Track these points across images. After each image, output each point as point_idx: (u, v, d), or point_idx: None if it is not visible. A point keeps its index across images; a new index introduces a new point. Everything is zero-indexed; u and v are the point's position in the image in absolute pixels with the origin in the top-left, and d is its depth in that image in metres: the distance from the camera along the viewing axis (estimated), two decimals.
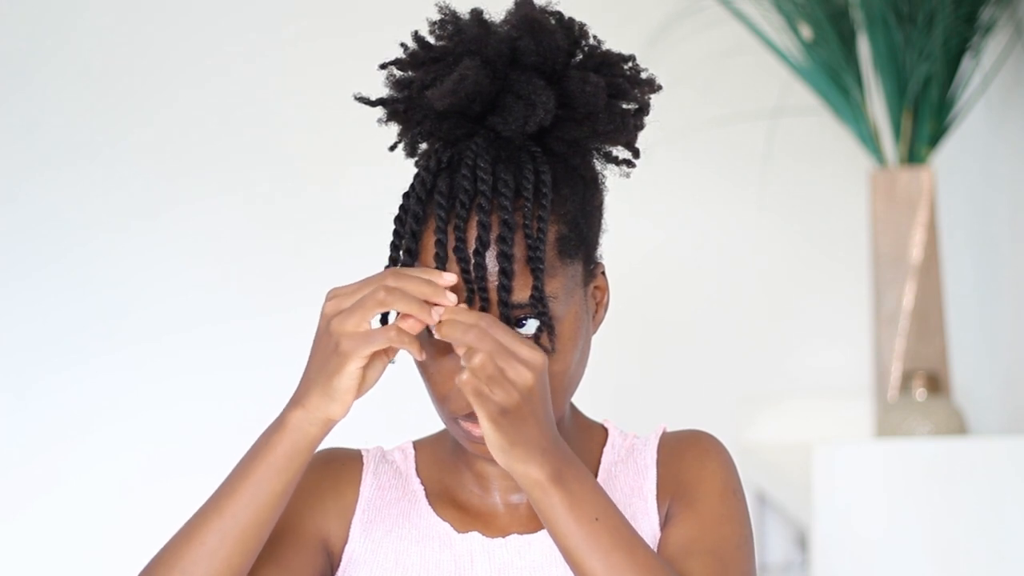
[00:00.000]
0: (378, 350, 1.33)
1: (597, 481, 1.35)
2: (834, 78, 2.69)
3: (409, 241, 1.37)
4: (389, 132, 1.44)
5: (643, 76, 1.42)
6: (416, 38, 1.41)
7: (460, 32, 1.39)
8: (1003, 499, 2.28)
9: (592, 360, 1.43)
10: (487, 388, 1.28)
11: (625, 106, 1.41)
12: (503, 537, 1.43)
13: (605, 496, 1.34)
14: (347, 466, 1.48)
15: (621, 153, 1.43)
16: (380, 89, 1.42)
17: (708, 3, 2.92)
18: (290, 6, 3.07)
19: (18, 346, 3.03)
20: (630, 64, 1.41)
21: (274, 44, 3.06)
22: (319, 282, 1.39)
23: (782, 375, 3.08)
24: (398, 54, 1.41)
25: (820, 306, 3.10)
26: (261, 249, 3.04)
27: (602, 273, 1.43)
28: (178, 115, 3.04)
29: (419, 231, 1.37)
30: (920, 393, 2.55)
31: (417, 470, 1.48)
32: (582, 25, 1.41)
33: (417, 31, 1.41)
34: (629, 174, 1.43)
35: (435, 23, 1.41)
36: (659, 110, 1.45)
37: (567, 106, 1.38)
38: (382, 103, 1.42)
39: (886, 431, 2.49)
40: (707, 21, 2.98)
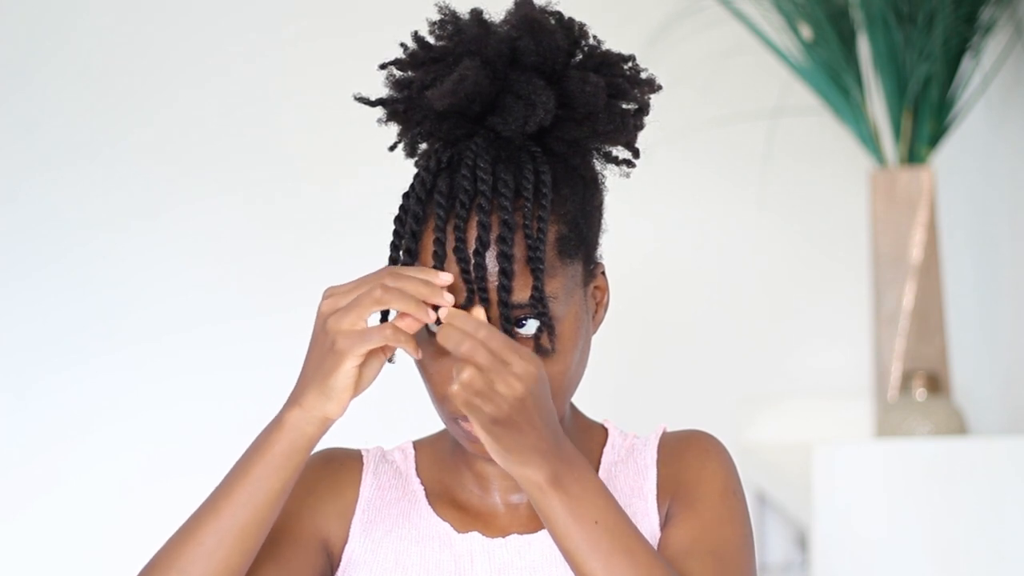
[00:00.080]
0: (375, 349, 1.33)
1: (601, 482, 1.34)
2: (834, 78, 2.69)
3: (409, 241, 1.36)
4: (389, 132, 1.44)
5: (643, 76, 1.42)
6: (416, 38, 1.41)
7: (460, 32, 1.39)
8: (1003, 499, 2.28)
9: (592, 360, 1.43)
10: (478, 400, 1.28)
11: (625, 106, 1.41)
12: (503, 537, 1.43)
13: (607, 498, 1.33)
14: (347, 466, 1.48)
15: (621, 153, 1.43)
16: (380, 89, 1.42)
17: (708, 3, 2.92)
18: (290, 6, 3.07)
19: (18, 346, 3.03)
20: (630, 64, 1.41)
21: (274, 44, 3.06)
22: (319, 282, 1.39)
23: (782, 375, 3.08)
24: (398, 54, 1.41)
25: (820, 306, 3.10)
26: (261, 249, 3.04)
27: (602, 273, 1.43)
28: (178, 115, 3.04)
29: (419, 231, 1.36)
30: (920, 393, 2.54)
31: (417, 470, 1.48)
32: (582, 25, 1.41)
33: (417, 31, 1.41)
34: (629, 174, 1.43)
35: (435, 23, 1.41)
36: (659, 110, 1.45)
37: (567, 106, 1.38)
38: (382, 103, 1.42)
39: (886, 431, 2.49)
40: (707, 21, 2.98)
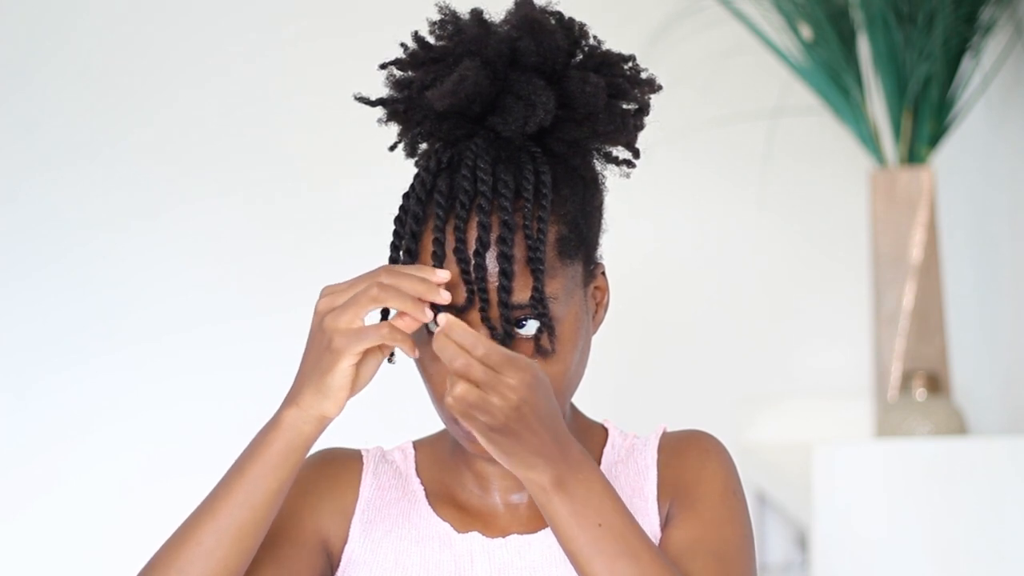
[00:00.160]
0: (372, 348, 1.33)
1: (607, 484, 1.34)
2: (834, 78, 2.69)
3: (409, 241, 1.36)
4: (389, 132, 1.43)
5: (643, 76, 1.42)
6: (416, 38, 1.41)
7: (460, 32, 1.39)
8: (1003, 499, 2.28)
9: (592, 360, 1.43)
10: (473, 411, 1.28)
11: (625, 106, 1.41)
12: (503, 537, 1.43)
13: (613, 500, 1.33)
14: (347, 466, 1.48)
15: (621, 153, 1.42)
16: (380, 89, 1.42)
17: (708, 3, 2.92)
18: (290, 6, 3.07)
19: (18, 346, 3.02)
20: (630, 64, 1.41)
21: (274, 44, 3.06)
22: (319, 282, 1.39)
23: (782, 375, 3.08)
24: (398, 54, 1.41)
25: (820, 306, 3.10)
26: (261, 249, 3.04)
27: (602, 273, 1.43)
28: (178, 115, 3.04)
29: (419, 231, 1.36)
30: (920, 393, 2.54)
31: (417, 470, 1.48)
32: (582, 25, 1.41)
33: (417, 31, 1.41)
34: (629, 174, 1.43)
35: (435, 23, 1.41)
36: (659, 110, 1.45)
37: (567, 106, 1.37)
38: (382, 103, 1.42)
39: (886, 431, 2.49)
40: (707, 21, 2.97)
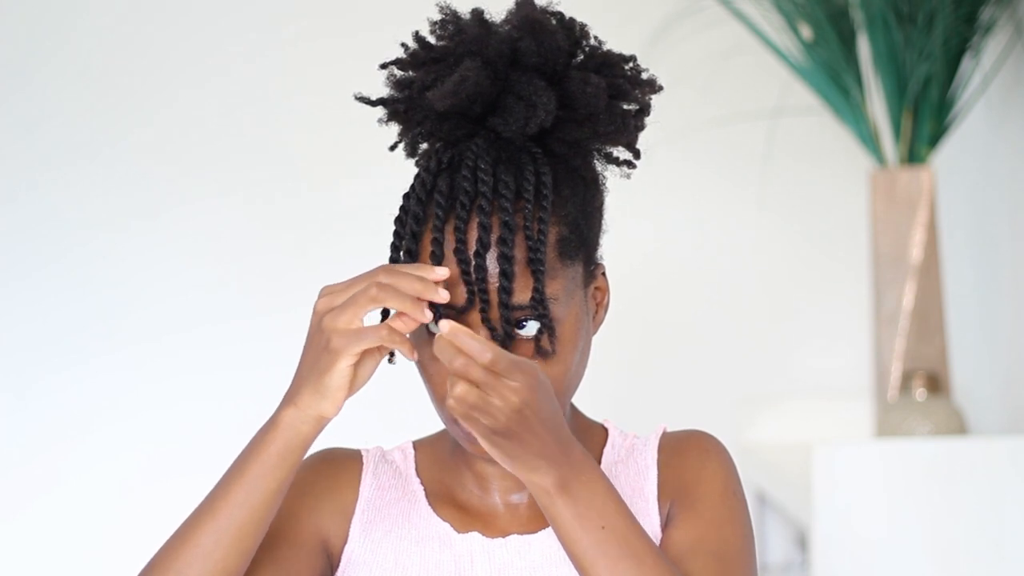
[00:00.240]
0: (371, 348, 1.32)
1: (610, 486, 1.34)
2: (834, 78, 2.69)
3: (409, 242, 1.36)
4: (389, 132, 1.43)
5: (644, 76, 1.41)
6: (417, 38, 1.41)
7: (461, 32, 1.39)
8: (1003, 499, 2.28)
9: (592, 360, 1.43)
10: (474, 413, 1.27)
11: (626, 107, 1.41)
12: (503, 537, 1.43)
13: (616, 503, 1.33)
14: (346, 466, 1.48)
15: (622, 154, 1.42)
16: (380, 89, 1.41)
17: (708, 3, 2.92)
18: (290, 6, 3.07)
19: (18, 346, 3.02)
20: (631, 65, 1.41)
21: (274, 44, 3.06)
22: (319, 282, 1.39)
23: (782, 375, 3.08)
24: (398, 54, 1.41)
25: (820, 306, 3.10)
26: (261, 249, 3.04)
27: (602, 274, 1.43)
28: (178, 115, 3.04)
29: (419, 232, 1.36)
30: (920, 393, 2.54)
31: (417, 470, 1.48)
32: (583, 25, 1.40)
33: (418, 31, 1.41)
34: (630, 175, 1.43)
35: (436, 23, 1.40)
36: (659, 110, 1.45)
37: (568, 107, 1.37)
38: (382, 103, 1.41)
39: (886, 431, 2.49)
40: (707, 21, 2.97)
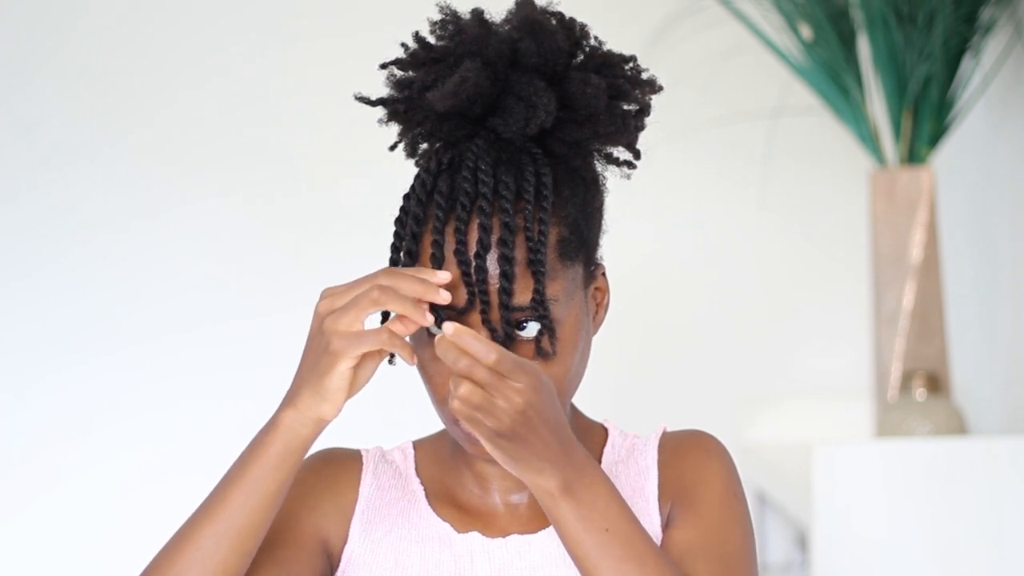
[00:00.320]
0: (371, 351, 1.32)
1: (613, 488, 1.34)
2: (834, 78, 2.69)
3: (409, 243, 1.36)
4: (389, 132, 1.43)
5: (644, 77, 1.41)
6: (417, 38, 1.40)
7: (461, 32, 1.38)
8: (1003, 499, 2.28)
9: (592, 360, 1.42)
10: (479, 415, 1.27)
11: (626, 107, 1.40)
12: (503, 537, 1.43)
13: (619, 505, 1.33)
14: (346, 466, 1.48)
15: (622, 154, 1.42)
16: (380, 89, 1.41)
17: (708, 3, 2.92)
18: (290, 6, 3.07)
19: (18, 346, 3.02)
20: (631, 65, 1.41)
21: (274, 44, 3.06)
22: (319, 282, 1.39)
23: (782, 375, 3.08)
24: (398, 54, 1.41)
25: (820, 306, 3.10)
26: (261, 249, 3.04)
27: (602, 274, 1.43)
28: (178, 115, 3.04)
29: (419, 233, 1.36)
30: (920, 393, 2.54)
31: (417, 470, 1.48)
32: (583, 26, 1.40)
33: (418, 31, 1.41)
34: (630, 175, 1.43)
35: (436, 23, 1.40)
36: (659, 110, 1.45)
37: (568, 107, 1.37)
38: (382, 103, 1.41)
39: (886, 431, 2.49)
40: (707, 21, 2.97)
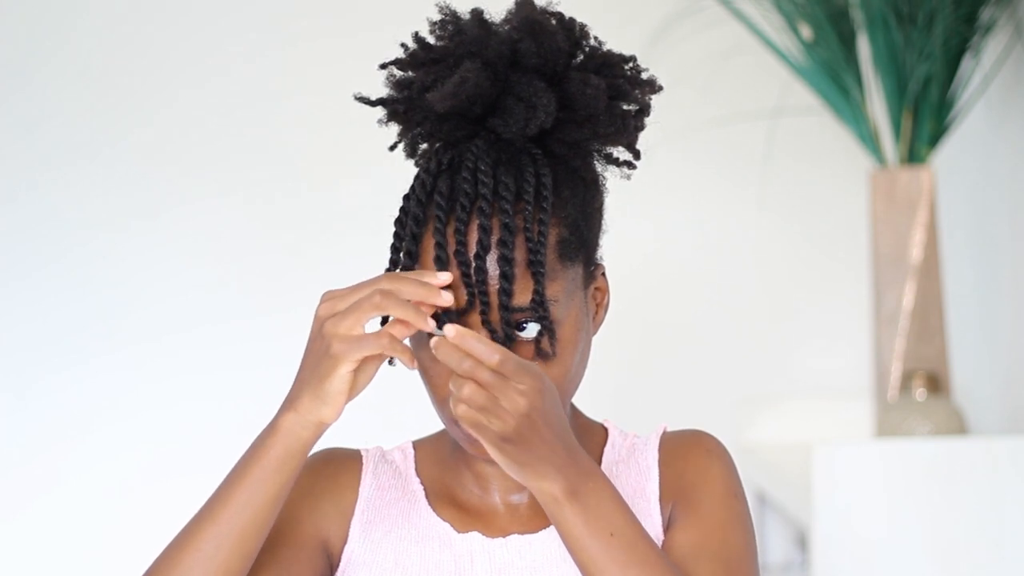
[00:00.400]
0: (371, 355, 1.32)
1: (616, 493, 1.34)
2: (834, 78, 2.69)
3: (409, 243, 1.36)
4: (389, 132, 1.43)
5: (644, 77, 1.41)
6: (416, 38, 1.40)
7: (460, 33, 1.38)
8: (1003, 499, 2.28)
9: (592, 360, 1.42)
10: (483, 418, 1.27)
11: (626, 107, 1.40)
12: (503, 537, 1.43)
13: (623, 509, 1.33)
14: (346, 466, 1.48)
15: (622, 154, 1.42)
16: (380, 89, 1.41)
17: (708, 3, 2.92)
18: (290, 6, 3.07)
19: (18, 346, 3.02)
20: (631, 65, 1.41)
21: (274, 44, 3.06)
22: (319, 282, 1.39)
23: (782, 375, 3.08)
24: (398, 54, 1.41)
25: (820, 306, 3.10)
26: (261, 249, 3.04)
27: (602, 274, 1.43)
28: (178, 115, 3.04)
29: (419, 233, 1.36)
30: (920, 393, 2.54)
31: (417, 470, 1.48)
32: (583, 26, 1.40)
33: (417, 32, 1.41)
34: (630, 175, 1.43)
35: (435, 23, 1.40)
36: (659, 110, 1.45)
37: (568, 108, 1.37)
38: (382, 103, 1.41)
39: (886, 431, 2.49)
40: (707, 21, 2.97)
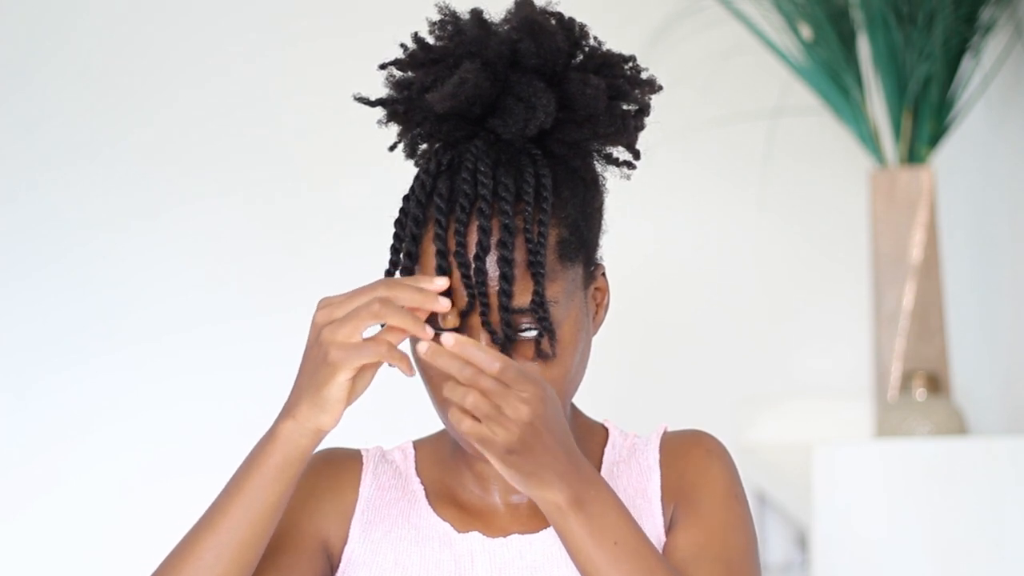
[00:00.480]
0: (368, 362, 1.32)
1: (619, 501, 1.34)
2: (834, 78, 2.69)
3: (409, 244, 1.36)
4: (389, 132, 1.43)
5: (643, 77, 1.41)
6: (416, 39, 1.40)
7: (460, 33, 1.38)
8: (1003, 499, 2.28)
9: (592, 361, 1.42)
10: (488, 430, 1.27)
11: (625, 107, 1.40)
12: (504, 537, 1.42)
13: (627, 518, 1.33)
14: (346, 466, 1.47)
15: (621, 154, 1.42)
16: (380, 89, 1.41)
17: (708, 3, 2.92)
18: (290, 6, 3.07)
19: (18, 346, 3.02)
20: (630, 65, 1.41)
21: (274, 44, 3.06)
22: (319, 282, 1.39)
23: (782, 375, 3.08)
24: (398, 54, 1.41)
25: (820, 307, 3.10)
26: (261, 249, 3.04)
27: (602, 275, 1.43)
28: (178, 115, 3.04)
29: (419, 234, 1.36)
30: (920, 393, 2.54)
31: (417, 470, 1.47)
32: (583, 26, 1.40)
33: (417, 32, 1.41)
34: (629, 175, 1.43)
35: (435, 23, 1.40)
36: (659, 111, 1.45)
37: (567, 108, 1.37)
38: (382, 103, 1.41)
39: (886, 431, 2.49)
40: (707, 21, 2.97)
